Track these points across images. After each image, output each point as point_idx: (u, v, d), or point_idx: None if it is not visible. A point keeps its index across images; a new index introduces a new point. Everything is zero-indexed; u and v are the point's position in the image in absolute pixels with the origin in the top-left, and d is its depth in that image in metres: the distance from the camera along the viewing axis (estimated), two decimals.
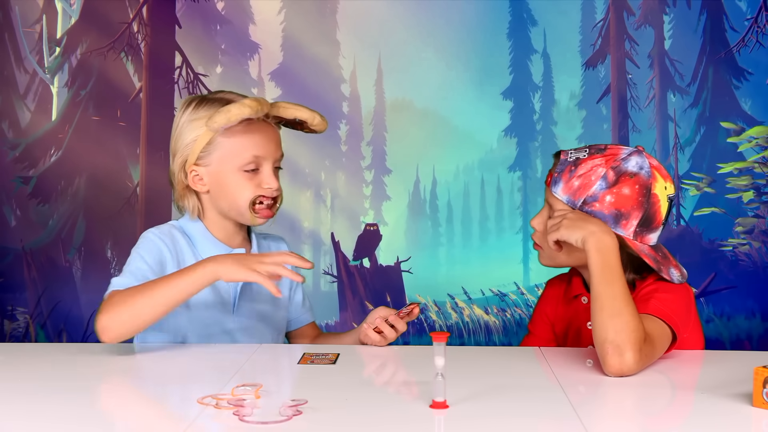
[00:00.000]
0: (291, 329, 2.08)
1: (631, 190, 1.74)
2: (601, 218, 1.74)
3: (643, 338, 1.59)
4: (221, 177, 1.87)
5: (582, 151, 1.80)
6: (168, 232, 1.89)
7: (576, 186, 1.76)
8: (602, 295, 1.63)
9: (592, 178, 1.75)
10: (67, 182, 3.38)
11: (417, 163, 3.40)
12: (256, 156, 1.86)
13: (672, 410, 1.47)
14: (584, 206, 1.75)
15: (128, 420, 1.42)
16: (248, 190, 1.86)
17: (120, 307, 1.70)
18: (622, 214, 1.74)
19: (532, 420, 1.37)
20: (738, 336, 3.29)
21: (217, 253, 1.88)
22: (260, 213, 1.87)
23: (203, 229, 1.92)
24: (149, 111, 3.39)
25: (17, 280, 3.37)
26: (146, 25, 3.38)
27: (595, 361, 1.65)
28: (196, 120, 1.86)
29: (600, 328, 1.60)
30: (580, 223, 1.70)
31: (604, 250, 1.66)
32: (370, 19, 3.38)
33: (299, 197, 3.39)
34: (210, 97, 1.91)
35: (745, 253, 3.29)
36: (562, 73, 3.38)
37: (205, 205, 1.92)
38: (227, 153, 1.85)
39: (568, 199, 1.77)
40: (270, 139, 1.88)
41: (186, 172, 1.88)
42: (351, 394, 1.52)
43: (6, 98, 3.39)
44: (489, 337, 3.39)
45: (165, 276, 1.75)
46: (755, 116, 3.30)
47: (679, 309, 1.72)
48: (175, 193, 1.93)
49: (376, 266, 3.40)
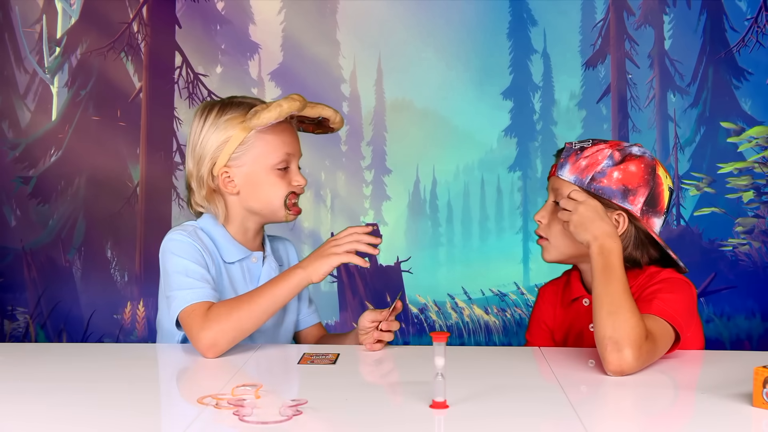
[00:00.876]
0: (298, 329, 2.09)
1: (637, 167, 1.78)
2: (609, 194, 1.76)
3: (644, 336, 1.59)
4: (255, 176, 1.88)
5: (585, 141, 1.84)
6: (194, 233, 1.89)
7: (583, 165, 1.79)
8: (602, 294, 1.63)
9: (599, 158, 1.78)
10: (67, 182, 3.38)
11: (417, 163, 3.40)
12: (288, 154, 1.90)
13: (672, 410, 1.47)
14: (592, 183, 1.77)
15: (128, 420, 1.42)
16: (282, 188, 1.90)
17: (224, 321, 1.72)
18: (629, 190, 1.77)
19: (532, 420, 1.37)
20: (738, 336, 3.29)
21: (239, 255, 1.92)
22: (293, 209, 1.92)
23: (225, 232, 1.92)
24: (149, 111, 3.39)
25: (17, 280, 3.37)
26: (146, 25, 3.38)
27: (597, 361, 1.65)
28: (227, 121, 1.87)
29: (600, 325, 1.61)
30: (588, 224, 1.71)
31: (607, 253, 1.67)
32: (370, 19, 3.38)
33: (299, 197, 3.39)
34: (230, 102, 1.92)
35: (745, 253, 3.29)
36: (562, 73, 3.38)
37: (231, 207, 1.92)
38: (261, 152, 1.88)
39: (575, 179, 1.79)
40: (296, 138, 1.94)
41: (215, 175, 1.89)
42: (351, 394, 1.52)
43: (6, 98, 3.39)
44: (489, 337, 3.38)
45: (261, 287, 1.79)
46: (755, 116, 3.30)
47: (682, 309, 1.72)
48: (196, 197, 1.92)
49: (376, 266, 3.40)
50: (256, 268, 1.94)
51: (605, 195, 1.77)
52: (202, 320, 1.72)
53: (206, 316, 1.73)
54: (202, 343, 1.71)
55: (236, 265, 1.92)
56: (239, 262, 1.92)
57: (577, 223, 1.72)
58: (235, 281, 1.92)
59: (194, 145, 1.91)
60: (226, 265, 1.91)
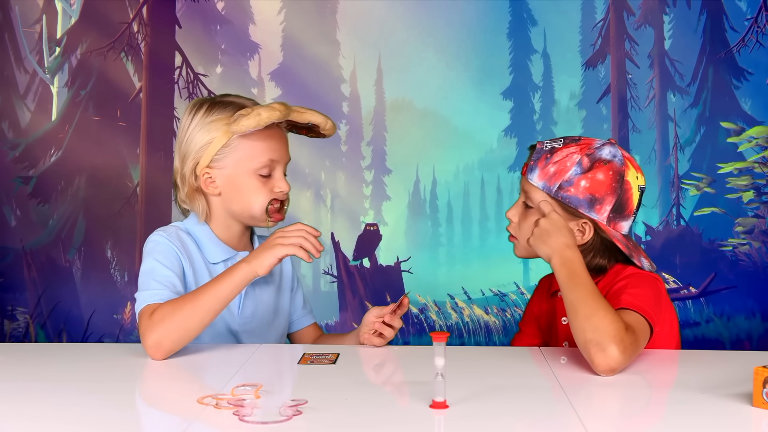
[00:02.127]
0: (292, 331, 2.08)
1: (605, 175, 1.78)
2: (575, 203, 1.78)
3: (624, 329, 1.59)
4: (236, 180, 1.87)
5: (557, 141, 1.84)
6: (176, 235, 1.89)
7: (552, 172, 1.79)
8: (574, 301, 1.64)
9: (567, 164, 1.78)
10: (67, 182, 3.38)
11: (417, 163, 3.40)
12: (272, 160, 1.88)
13: (672, 410, 1.47)
14: (559, 191, 1.79)
15: (128, 420, 1.42)
16: (263, 194, 1.88)
17: (168, 321, 1.70)
18: (596, 199, 1.78)
19: (532, 420, 1.37)
20: (738, 336, 3.29)
21: (223, 255, 1.91)
22: (273, 216, 1.90)
23: (209, 231, 1.92)
24: (149, 111, 3.39)
25: (17, 280, 3.37)
26: (146, 25, 3.38)
27: (574, 360, 1.63)
28: (212, 122, 1.87)
29: (579, 331, 1.61)
30: (546, 238, 1.74)
31: (569, 263, 1.69)
32: (370, 19, 3.38)
33: (299, 197, 3.39)
34: (220, 100, 1.91)
35: (745, 253, 3.29)
36: (562, 73, 3.38)
37: (214, 207, 1.92)
38: (243, 156, 1.86)
39: (543, 185, 1.80)
40: (283, 144, 1.91)
41: (197, 175, 1.88)
42: (351, 394, 1.52)
43: (6, 98, 3.39)
44: (489, 337, 3.39)
45: (204, 285, 1.76)
46: (755, 116, 3.30)
47: (650, 301, 1.73)
48: (181, 194, 1.92)
49: (376, 266, 3.40)
50: None
51: (572, 204, 1.79)
52: (148, 321, 1.70)
53: (151, 317, 1.70)
54: (147, 344, 1.69)
55: (221, 265, 1.90)
56: (224, 263, 1.91)
57: (536, 236, 1.75)
58: None
59: (180, 142, 1.91)
60: (211, 265, 1.90)
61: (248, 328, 1.93)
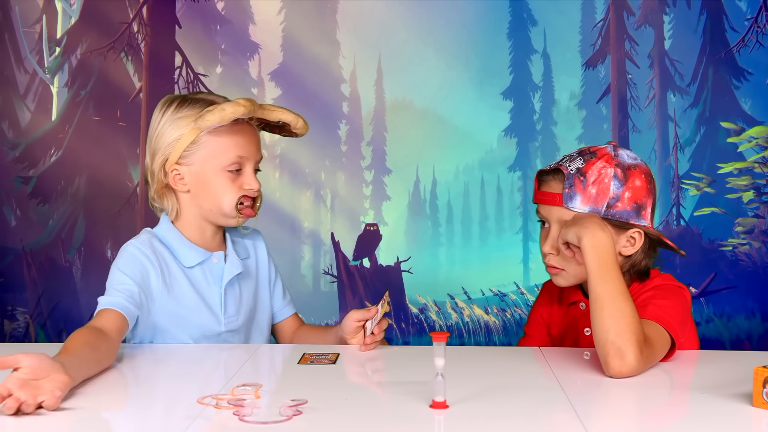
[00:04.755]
0: (273, 322, 2.07)
1: (640, 180, 1.77)
2: (626, 216, 1.75)
3: (644, 340, 1.59)
4: (204, 177, 1.87)
5: (575, 160, 1.78)
6: (148, 242, 1.88)
7: (594, 194, 1.75)
8: (602, 295, 1.62)
9: (606, 181, 1.75)
10: (67, 182, 3.38)
11: (417, 163, 3.40)
12: (240, 156, 1.87)
13: (672, 410, 1.47)
14: (609, 210, 1.75)
15: (128, 420, 1.42)
16: (232, 191, 1.87)
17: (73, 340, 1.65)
18: (640, 206, 1.77)
19: (532, 420, 1.37)
20: (738, 336, 3.29)
21: (198, 258, 1.90)
22: (244, 212, 1.89)
23: (179, 235, 1.91)
24: (149, 111, 3.37)
25: (17, 280, 3.37)
26: (146, 25, 3.38)
27: (594, 357, 1.64)
28: (180, 119, 1.86)
29: (601, 329, 1.60)
30: (578, 220, 1.71)
31: (600, 247, 1.66)
32: (370, 19, 3.38)
33: (299, 197, 3.39)
34: (192, 97, 1.91)
35: (745, 253, 3.29)
36: (562, 73, 3.38)
37: (183, 205, 1.91)
38: (211, 153, 1.86)
39: (591, 209, 1.75)
40: (253, 141, 1.90)
41: (166, 171, 1.88)
42: (351, 394, 1.52)
43: (6, 98, 3.39)
44: (489, 337, 3.38)
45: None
46: (755, 116, 3.30)
47: (677, 315, 1.72)
48: (151, 191, 1.92)
49: (376, 266, 3.40)
50: (218, 268, 1.92)
51: (623, 218, 1.75)
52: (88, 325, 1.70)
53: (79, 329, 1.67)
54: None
55: (197, 268, 1.90)
56: (200, 266, 1.90)
57: (568, 224, 1.72)
58: (198, 285, 1.89)
59: (151, 138, 1.90)
60: (187, 270, 1.89)
61: (233, 327, 1.92)
